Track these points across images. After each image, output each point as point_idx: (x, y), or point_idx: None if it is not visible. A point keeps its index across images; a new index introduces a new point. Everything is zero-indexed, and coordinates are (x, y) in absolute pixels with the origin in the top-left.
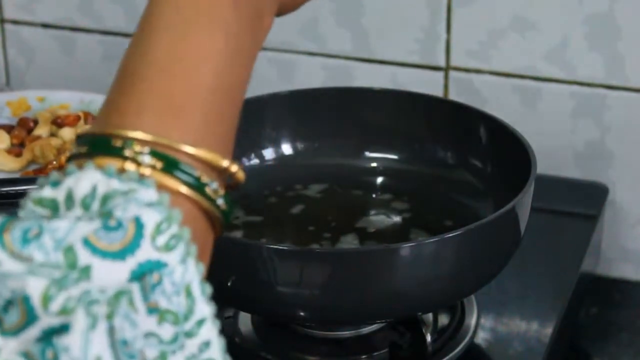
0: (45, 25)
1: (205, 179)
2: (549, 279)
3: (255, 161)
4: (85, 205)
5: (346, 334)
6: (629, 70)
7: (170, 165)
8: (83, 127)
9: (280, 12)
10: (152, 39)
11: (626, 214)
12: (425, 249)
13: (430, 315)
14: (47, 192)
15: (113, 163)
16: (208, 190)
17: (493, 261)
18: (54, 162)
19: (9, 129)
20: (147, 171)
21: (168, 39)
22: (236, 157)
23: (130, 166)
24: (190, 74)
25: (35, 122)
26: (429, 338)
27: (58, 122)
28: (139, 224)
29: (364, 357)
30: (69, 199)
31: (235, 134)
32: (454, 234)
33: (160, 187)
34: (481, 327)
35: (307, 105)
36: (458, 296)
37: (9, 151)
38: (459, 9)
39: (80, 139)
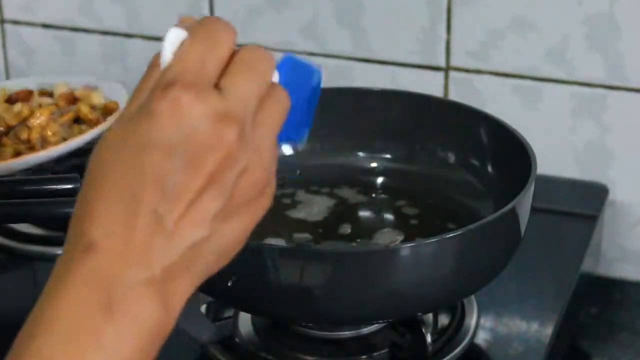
0: (45, 26)
1: None
2: (549, 279)
3: None
4: None
5: (346, 334)
6: (629, 70)
7: None
8: (37, 100)
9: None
10: (26, 345)
11: (626, 214)
12: (425, 249)
13: (430, 315)
14: None
15: None
16: None
17: (493, 261)
18: None
19: None
20: None
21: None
22: None
23: None
24: None
25: None
26: (429, 338)
27: (12, 99)
28: None
29: (364, 357)
30: None
31: None
32: (454, 234)
33: None
34: (481, 327)
35: None
36: (458, 296)
37: None
38: (459, 9)
39: None
